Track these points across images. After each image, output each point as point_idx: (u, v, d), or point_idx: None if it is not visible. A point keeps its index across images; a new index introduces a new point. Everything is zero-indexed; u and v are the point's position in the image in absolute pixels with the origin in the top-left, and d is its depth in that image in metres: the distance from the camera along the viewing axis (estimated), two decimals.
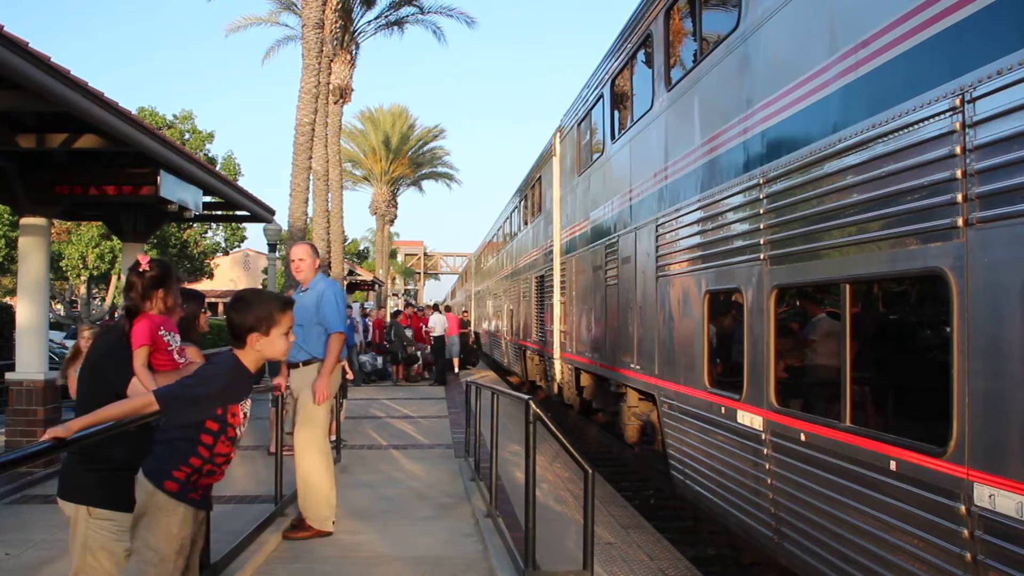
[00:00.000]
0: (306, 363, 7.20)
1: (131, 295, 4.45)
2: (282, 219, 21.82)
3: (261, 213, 15.21)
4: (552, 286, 16.21)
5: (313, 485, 7.13)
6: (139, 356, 4.28)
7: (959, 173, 4.15)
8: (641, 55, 10.00)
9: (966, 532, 4.06)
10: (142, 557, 3.80)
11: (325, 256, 24.75)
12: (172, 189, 10.80)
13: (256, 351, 3.82)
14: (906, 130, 4.58)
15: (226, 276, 60.88)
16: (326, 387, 7.06)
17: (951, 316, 4.17)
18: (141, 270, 4.46)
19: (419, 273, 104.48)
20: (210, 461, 3.80)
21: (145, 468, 3.82)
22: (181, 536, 3.80)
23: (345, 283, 32.31)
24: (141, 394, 3.92)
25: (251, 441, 11.84)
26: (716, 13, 7.91)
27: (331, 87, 26.87)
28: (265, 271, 28.35)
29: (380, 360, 23.78)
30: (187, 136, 38.03)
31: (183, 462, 3.76)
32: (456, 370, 26.92)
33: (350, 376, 13.03)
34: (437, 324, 24.84)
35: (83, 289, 39.11)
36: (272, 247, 22.32)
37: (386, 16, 31.95)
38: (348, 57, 30.07)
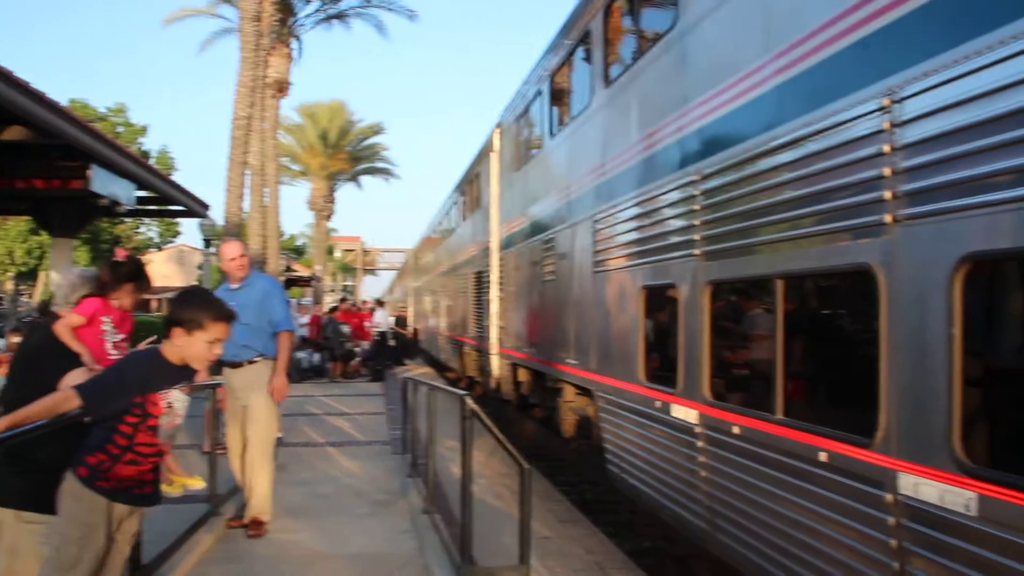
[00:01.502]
0: (251, 362, 7.05)
1: (99, 281, 4.48)
2: (217, 214, 21.47)
3: (196, 208, 14.94)
4: (490, 282, 16.17)
5: (270, 485, 7.18)
6: (71, 319, 4.23)
7: (887, 171, 4.22)
8: (580, 52, 10.02)
9: (892, 520, 4.14)
10: (49, 541, 3.72)
11: (261, 252, 24.38)
12: (103, 183, 10.53)
13: (177, 347, 3.78)
14: (837, 129, 4.65)
15: (160, 272, 59.56)
16: (285, 385, 7.10)
17: (879, 311, 4.25)
18: (115, 260, 4.52)
19: (357, 269, 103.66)
20: (129, 450, 3.74)
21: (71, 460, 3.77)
22: (86, 523, 3.69)
23: (282, 279, 31.89)
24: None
25: (185, 440, 11.60)
26: (654, 11, 7.96)
27: (269, 81, 26.48)
28: (200, 267, 27.77)
29: (317, 357, 23.49)
30: (120, 129, 37.18)
31: (98, 448, 3.74)
32: None
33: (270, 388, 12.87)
34: (381, 320, 24.69)
35: (10, 285, 37.97)
36: (207, 243, 21.91)
37: (325, 9, 31.60)
38: (286, 51, 29.68)
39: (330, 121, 54.41)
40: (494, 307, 15.79)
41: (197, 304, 3.83)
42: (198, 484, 4.02)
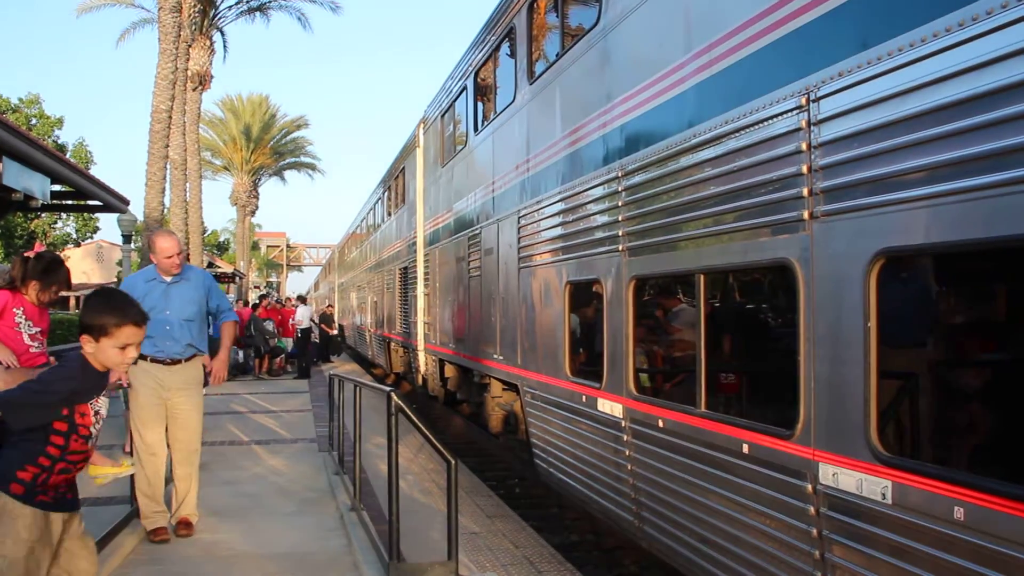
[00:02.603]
0: (190, 359, 6.76)
1: (11, 274, 4.32)
2: (137, 209, 20.88)
3: (115, 203, 14.49)
4: (416, 278, 16.08)
5: (197, 486, 7.00)
6: None
7: (805, 168, 4.29)
8: (505, 47, 9.99)
9: (812, 509, 4.21)
10: None
11: (183, 248, 23.85)
12: (16, 177, 10.12)
13: (89, 353, 3.62)
14: (757, 127, 4.70)
15: (78, 268, 57.76)
16: (224, 369, 6.98)
17: (797, 305, 4.32)
18: (26, 255, 4.34)
19: (282, 265, 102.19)
20: (62, 459, 3.60)
21: None
22: (30, 540, 3.55)
23: None
24: None
25: (105, 440, 11.25)
26: (578, 8, 7.97)
27: (189, 73, 25.83)
28: (120, 263, 27.04)
29: (240, 354, 23.03)
30: (34, 121, 35.90)
31: (30, 462, 3.54)
32: None
33: (210, 368, 12.58)
34: (304, 316, 24.31)
35: None
36: (127, 238, 21.25)
37: (247, 1, 30.98)
38: (208, 43, 29.01)
39: (253, 115, 53.48)
40: (420, 303, 15.69)
41: (101, 308, 3.61)
42: (127, 470, 3.84)
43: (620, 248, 6.41)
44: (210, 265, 37.75)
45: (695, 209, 5.33)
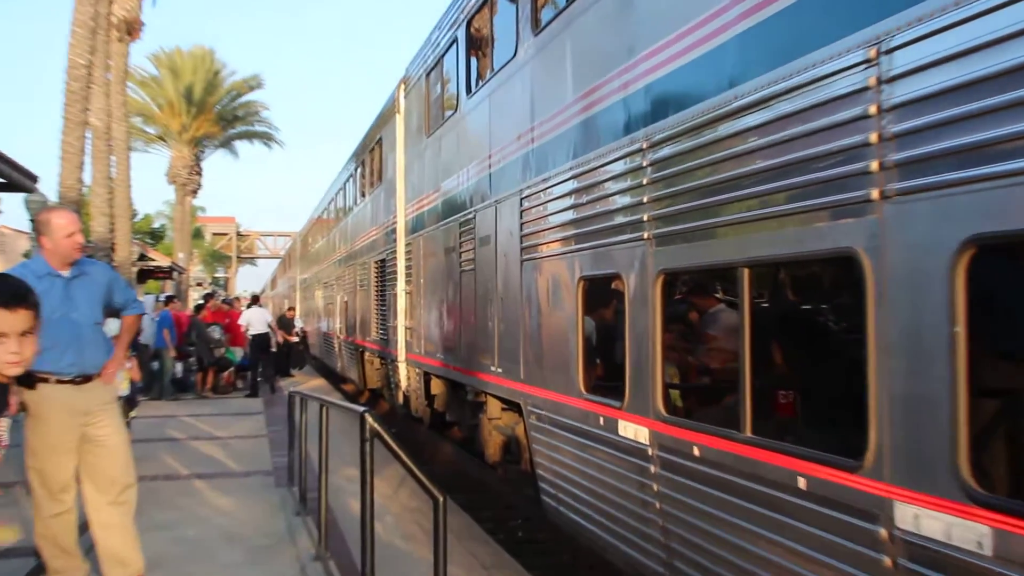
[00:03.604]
0: (87, 379, 6.43)
1: None
2: (50, 188, 20.81)
3: (20, 180, 14.45)
4: (396, 272, 16.06)
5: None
6: None
7: (873, 137, 4.24)
8: None
9: (888, 560, 4.16)
10: None
11: (109, 235, 23.74)
12: None
13: None
14: (813, 86, 4.65)
15: None
16: (117, 367, 6.76)
17: (865, 306, 4.27)
18: None
19: (231, 257, 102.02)
20: None
21: None
22: None
23: (134, 270, 31.13)
24: None
25: (4, 475, 11.21)
26: None
27: (114, 19, 25.58)
28: (27, 254, 26.99)
29: (180, 367, 22.97)
30: None
31: None
32: None
33: (137, 377, 12.56)
34: (255, 321, 24.26)
35: None
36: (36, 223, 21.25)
37: None
38: None
39: (195, 73, 53.38)
40: (401, 304, 15.67)
41: None
42: (12, 537, 3.70)
43: (645, 236, 6.38)
44: (142, 257, 37.65)
45: (737, 188, 5.29)
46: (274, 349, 26.00)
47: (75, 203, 18.46)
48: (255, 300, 26.96)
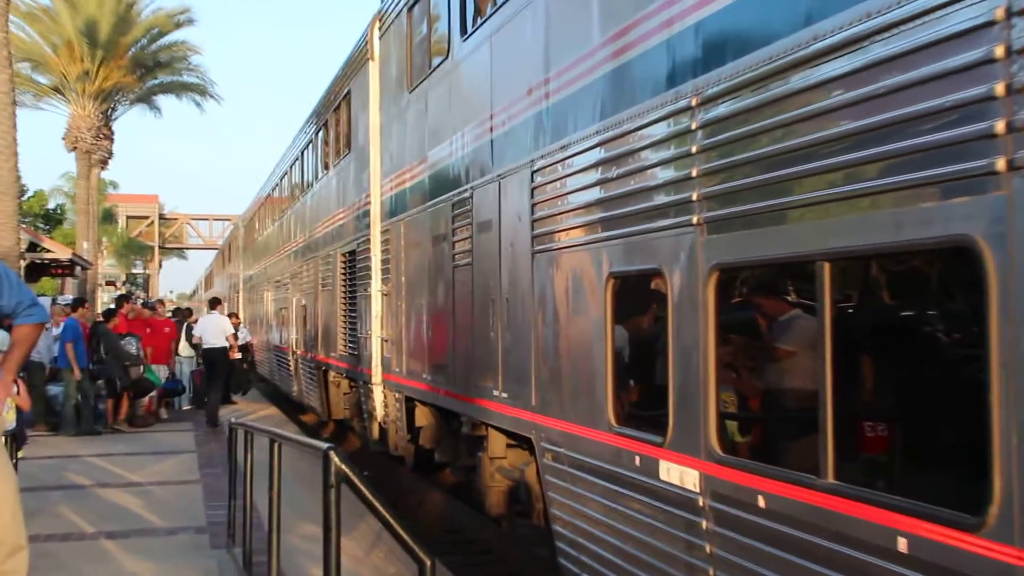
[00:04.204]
0: None
1: None
2: None
3: None
4: (369, 268, 16.04)
5: None
6: None
7: (999, 89, 4.21)
8: None
9: None
10: None
11: None
12: None
13: None
14: (915, 23, 4.62)
15: None
16: (3, 390, 6.90)
17: (987, 312, 4.23)
18: None
19: (152, 247, 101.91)
20: None
21: None
22: None
23: (23, 263, 30.99)
24: None
25: None
26: None
27: None
28: None
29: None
30: None
31: None
32: None
33: (26, 406, 12.48)
34: (210, 330, 24.25)
35: None
36: None
37: None
38: None
39: (101, 5, 52.93)
40: (376, 308, 15.67)
41: None
42: None
43: (695, 220, 6.36)
44: (33, 247, 37.50)
45: (816, 158, 5.27)
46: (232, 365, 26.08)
47: None
48: (215, 304, 26.70)
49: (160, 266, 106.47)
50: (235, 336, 25.65)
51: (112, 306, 27.39)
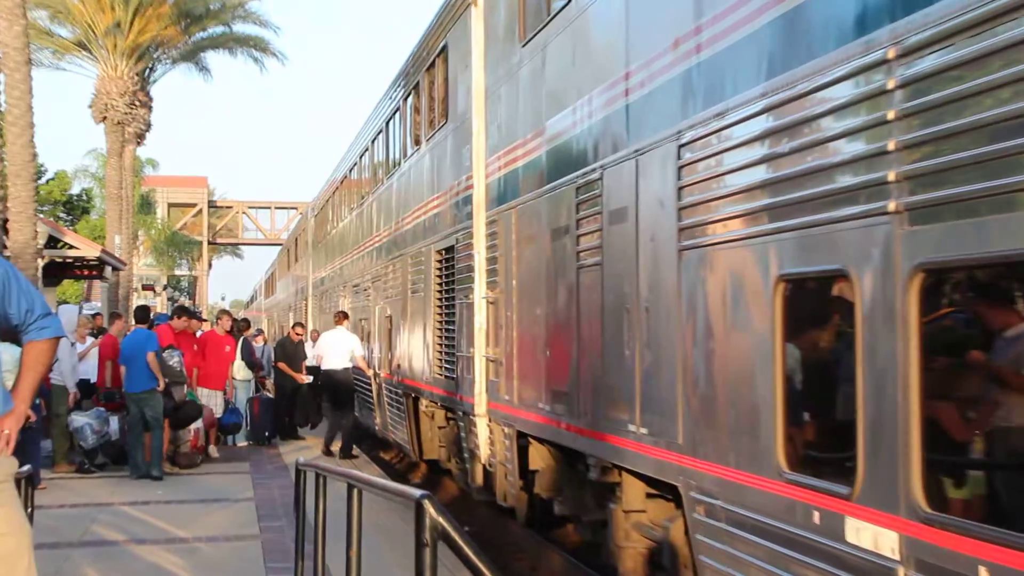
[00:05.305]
0: None
1: None
2: None
3: None
4: (471, 269, 16.08)
5: None
6: None
7: None
8: None
9: None
10: None
11: None
12: None
13: None
14: None
15: None
16: (17, 426, 6.83)
17: None
18: None
19: (199, 243, 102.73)
20: None
21: None
22: None
23: (40, 262, 31.39)
24: None
25: None
26: None
27: None
28: None
29: (114, 424, 22.95)
30: None
31: None
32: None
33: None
34: (334, 350, 24.61)
35: None
36: None
37: None
38: None
39: None
40: (480, 319, 15.72)
41: None
42: None
43: (891, 208, 6.29)
44: (53, 243, 38.01)
45: None
46: (269, 393, 26.36)
47: None
48: (341, 317, 26.80)
49: (210, 266, 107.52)
50: (364, 358, 25.87)
51: (165, 314, 27.74)
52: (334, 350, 24.50)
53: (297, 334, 30.32)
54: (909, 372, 6.18)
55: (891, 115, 6.30)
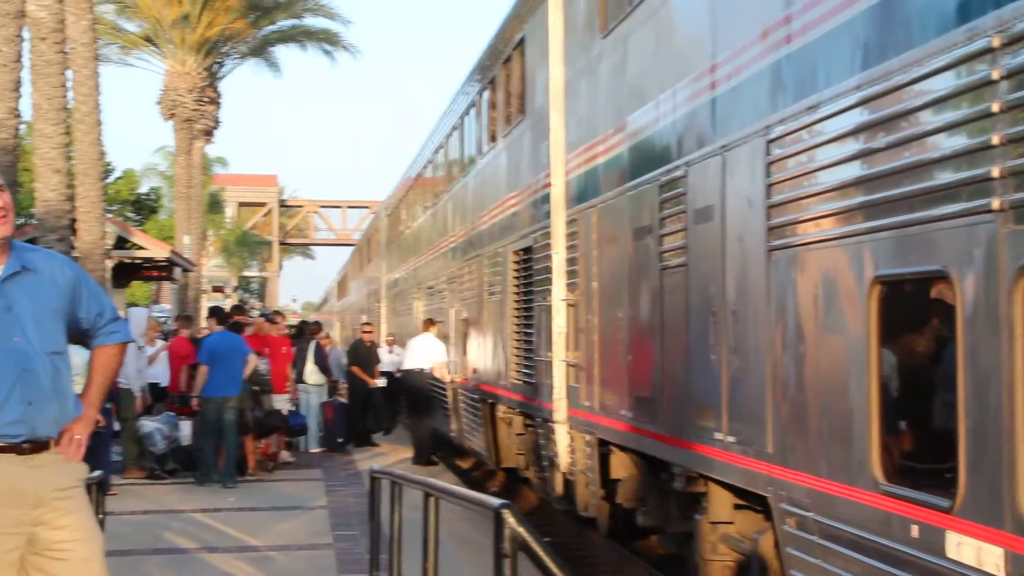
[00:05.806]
0: (39, 448, 6.41)
1: None
2: None
3: None
4: (550, 270, 16.07)
5: None
6: None
7: None
8: None
9: None
10: None
11: (65, 206, 24.12)
12: None
13: None
14: None
15: None
16: (87, 432, 6.76)
17: None
18: None
19: (270, 243, 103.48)
20: None
21: None
22: None
23: (108, 263, 31.57)
24: None
25: None
26: None
27: None
28: None
29: (187, 429, 23.04)
30: None
31: None
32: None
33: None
34: (419, 353, 24.81)
35: None
36: None
37: None
38: None
39: None
40: (559, 323, 15.71)
41: None
42: None
43: (995, 205, 6.20)
44: (121, 243, 38.26)
45: None
46: (342, 399, 26.43)
47: (8, 152, 18.98)
48: (430, 324, 26.88)
49: (280, 267, 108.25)
50: (445, 364, 25.95)
51: (264, 313, 27.87)
52: (415, 353, 24.63)
53: (366, 332, 30.39)
54: (1014, 378, 6.09)
55: (996, 107, 6.21)
